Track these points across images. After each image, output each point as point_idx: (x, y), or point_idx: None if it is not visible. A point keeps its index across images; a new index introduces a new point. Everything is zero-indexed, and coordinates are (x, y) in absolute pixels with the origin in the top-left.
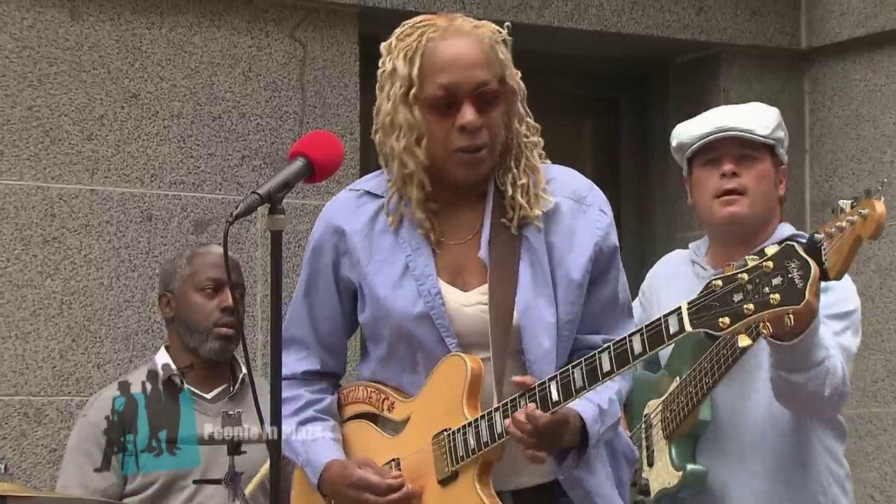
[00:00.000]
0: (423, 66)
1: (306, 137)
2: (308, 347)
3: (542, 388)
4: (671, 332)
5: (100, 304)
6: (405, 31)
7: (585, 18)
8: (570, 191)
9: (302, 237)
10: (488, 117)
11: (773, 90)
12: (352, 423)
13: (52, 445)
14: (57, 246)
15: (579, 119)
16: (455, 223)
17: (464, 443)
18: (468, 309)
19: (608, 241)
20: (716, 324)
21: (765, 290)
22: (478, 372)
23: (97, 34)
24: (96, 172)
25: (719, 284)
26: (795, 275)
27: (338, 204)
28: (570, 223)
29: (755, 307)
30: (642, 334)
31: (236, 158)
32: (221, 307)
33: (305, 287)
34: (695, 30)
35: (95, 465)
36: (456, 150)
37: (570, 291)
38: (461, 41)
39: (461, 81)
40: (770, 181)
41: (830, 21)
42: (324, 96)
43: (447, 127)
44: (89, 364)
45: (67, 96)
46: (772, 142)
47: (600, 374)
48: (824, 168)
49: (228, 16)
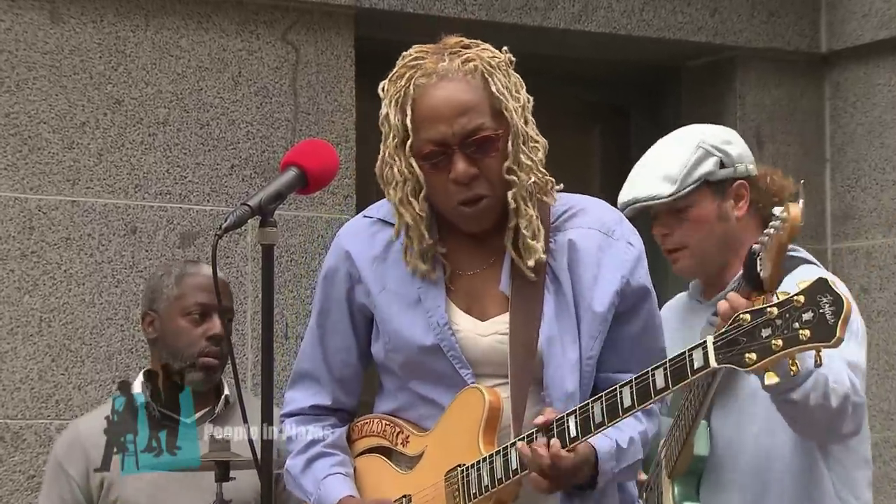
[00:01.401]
0: (413, 117)
1: (299, 146)
2: (319, 382)
3: (560, 423)
4: (695, 367)
5: (81, 322)
6: (397, 73)
7: (593, 20)
8: (598, 222)
9: (294, 251)
10: (483, 164)
11: (792, 96)
12: (364, 457)
13: (30, 472)
14: (36, 260)
15: (587, 127)
16: (470, 252)
17: (477, 479)
18: (484, 339)
19: (636, 275)
20: (742, 360)
21: (794, 326)
22: (496, 406)
23: (78, 37)
24: (77, 183)
25: (747, 319)
26: (827, 310)
27: (351, 231)
28: (596, 255)
29: (784, 343)
30: (665, 369)
31: (225, 168)
32: (208, 335)
33: (318, 316)
34: (709, 32)
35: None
36: (456, 204)
37: (594, 325)
38: (449, 86)
39: (448, 134)
40: (711, 220)
41: (852, 23)
42: (318, 102)
43: (444, 180)
44: (69, 385)
45: (47, 103)
46: (692, 186)
47: (621, 409)
48: (846, 178)
49: (217, 18)
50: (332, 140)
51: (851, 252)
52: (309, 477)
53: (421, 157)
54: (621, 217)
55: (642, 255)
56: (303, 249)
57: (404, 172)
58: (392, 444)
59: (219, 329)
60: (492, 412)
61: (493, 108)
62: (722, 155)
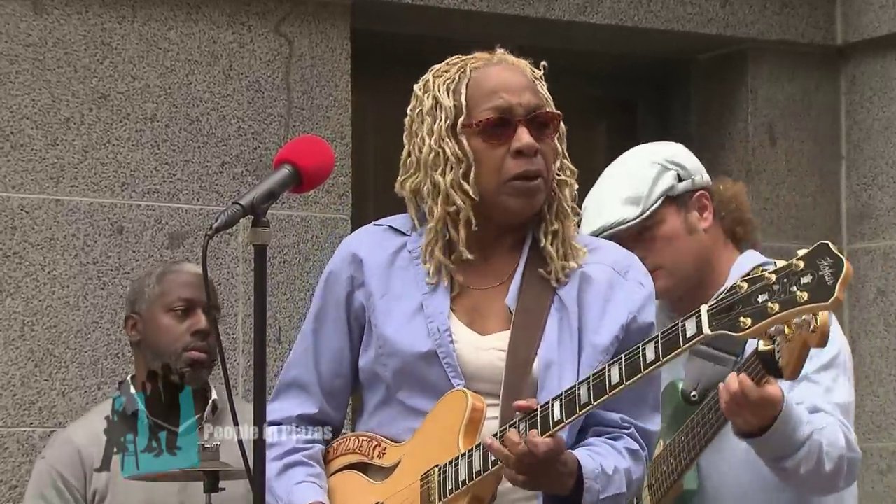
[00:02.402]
0: (470, 94)
1: (293, 143)
2: (308, 391)
3: (544, 409)
4: (688, 335)
5: (65, 326)
6: (442, 68)
7: (599, 11)
8: (611, 261)
9: (288, 251)
10: (543, 143)
11: (806, 90)
12: (339, 474)
13: (12, 481)
14: (18, 261)
15: (593, 122)
16: (483, 271)
17: (454, 474)
18: (483, 353)
19: (643, 314)
20: (736, 324)
21: (792, 289)
22: (479, 408)
23: (62, 29)
24: (61, 181)
25: (744, 286)
26: (826, 272)
27: (359, 235)
28: (606, 290)
29: (780, 306)
30: (656, 341)
31: (216, 165)
32: (192, 330)
33: (314, 320)
34: (719, 24)
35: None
36: (511, 178)
37: (594, 357)
38: (508, 68)
39: (514, 104)
40: (679, 234)
41: (868, 14)
42: (312, 97)
43: (501, 154)
44: (53, 391)
45: (30, 97)
46: (656, 204)
47: (608, 386)
48: (862, 176)
49: (207, 9)
50: (327, 136)
51: (868, 253)
52: (282, 482)
53: (481, 129)
54: (634, 259)
55: (652, 295)
56: (296, 250)
57: (457, 153)
58: (368, 459)
59: (204, 324)
60: (474, 413)
61: (545, 102)
62: (678, 168)
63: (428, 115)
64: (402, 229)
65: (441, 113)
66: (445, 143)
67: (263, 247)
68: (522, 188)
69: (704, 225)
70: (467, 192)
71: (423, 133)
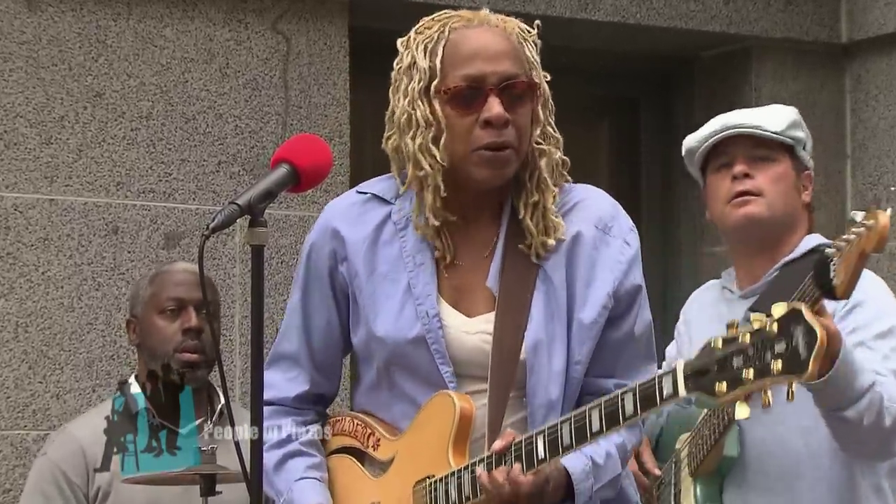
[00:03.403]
0: (445, 57)
1: (290, 141)
2: (299, 364)
3: (528, 441)
4: (664, 394)
5: (59, 328)
6: (425, 25)
7: (601, 9)
8: (594, 217)
9: (285, 252)
10: (516, 114)
11: (811, 88)
12: (336, 457)
13: (6, 485)
14: (12, 262)
15: (595, 121)
16: (466, 241)
17: (445, 495)
18: (470, 337)
19: (630, 277)
20: (712, 389)
21: (766, 357)
22: (468, 414)
23: (57, 26)
24: (56, 180)
25: (719, 346)
26: (801, 342)
27: (341, 206)
28: (591, 254)
29: (755, 374)
30: (635, 394)
31: (212, 164)
32: (183, 329)
33: (301, 293)
34: (723, 21)
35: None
36: (479, 147)
37: (584, 332)
38: (488, 32)
39: (487, 72)
40: (789, 183)
41: (874, 11)
42: (310, 95)
43: (470, 122)
44: (47, 394)
45: (24, 95)
46: (789, 140)
47: (589, 434)
48: (868, 175)
49: (203, 6)
50: (324, 135)
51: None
52: (282, 475)
53: (451, 95)
54: (618, 211)
55: (638, 254)
56: (294, 250)
57: (428, 117)
58: (363, 447)
59: (194, 322)
60: (463, 421)
61: (526, 68)
62: (808, 139)
63: (404, 75)
64: (386, 197)
65: (416, 74)
66: (417, 105)
67: (261, 247)
68: (490, 158)
69: (805, 199)
70: (435, 156)
71: (400, 92)
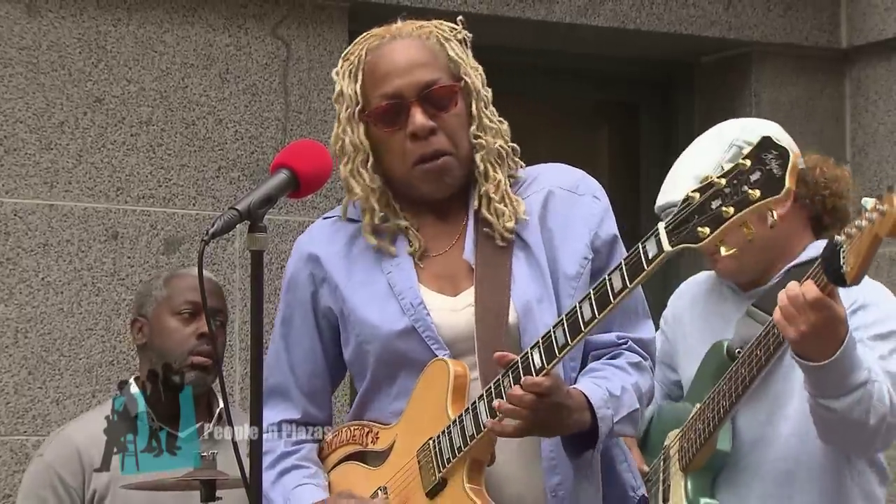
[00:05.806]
0: (365, 80)
1: (290, 147)
2: (288, 397)
3: (524, 358)
4: (650, 256)
5: (59, 333)
6: (350, 51)
7: (601, 14)
8: (560, 181)
9: (285, 257)
10: (442, 119)
11: (811, 94)
12: (338, 468)
13: (5, 490)
14: (11, 267)
15: (595, 125)
16: (435, 234)
17: (449, 444)
18: (458, 314)
19: (604, 228)
20: (695, 235)
21: (743, 189)
22: (462, 374)
23: (57, 31)
24: (55, 186)
25: (696, 196)
26: (773, 165)
27: (310, 234)
28: (564, 212)
29: (735, 208)
30: (621, 268)
31: (212, 170)
32: (198, 333)
33: (282, 326)
34: (723, 26)
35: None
36: (415, 162)
37: (568, 285)
38: (401, 44)
39: (404, 86)
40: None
41: (874, 17)
42: (309, 101)
43: (401, 139)
44: (47, 399)
45: (23, 101)
46: None
47: (582, 323)
48: (868, 181)
49: (203, 11)
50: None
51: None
52: (278, 489)
53: (376, 117)
54: (583, 174)
55: (608, 207)
56: None
57: (356, 142)
58: (363, 446)
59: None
60: (458, 380)
61: (450, 70)
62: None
63: (336, 104)
64: (354, 217)
65: (344, 102)
66: (347, 132)
67: (260, 252)
68: (428, 170)
69: (777, 220)
70: (365, 180)
71: (337, 122)
